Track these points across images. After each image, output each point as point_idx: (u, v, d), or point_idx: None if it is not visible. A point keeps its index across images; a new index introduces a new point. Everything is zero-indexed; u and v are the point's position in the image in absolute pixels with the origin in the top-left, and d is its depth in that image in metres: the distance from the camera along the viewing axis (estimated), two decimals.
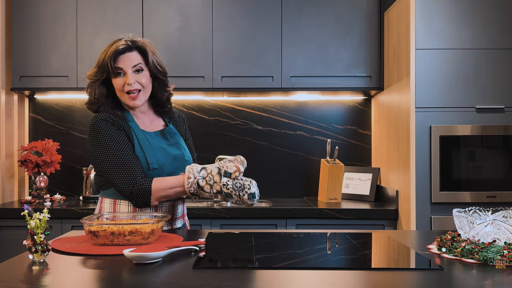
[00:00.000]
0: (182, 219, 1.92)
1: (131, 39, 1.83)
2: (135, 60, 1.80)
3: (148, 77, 1.83)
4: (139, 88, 1.80)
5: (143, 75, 1.81)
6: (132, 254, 1.29)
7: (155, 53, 1.86)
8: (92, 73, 1.81)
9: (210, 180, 1.69)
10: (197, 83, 3.05)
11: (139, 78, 1.80)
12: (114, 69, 1.77)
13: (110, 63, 1.76)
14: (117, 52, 1.78)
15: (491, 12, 2.60)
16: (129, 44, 1.80)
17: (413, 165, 2.59)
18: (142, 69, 1.81)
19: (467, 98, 2.60)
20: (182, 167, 1.82)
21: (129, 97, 1.80)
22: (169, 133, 1.89)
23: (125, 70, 1.78)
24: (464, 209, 1.52)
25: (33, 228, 1.32)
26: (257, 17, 3.07)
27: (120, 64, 1.78)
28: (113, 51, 1.77)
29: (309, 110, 3.40)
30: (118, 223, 1.53)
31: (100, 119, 1.78)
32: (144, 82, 1.81)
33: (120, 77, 1.79)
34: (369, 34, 3.08)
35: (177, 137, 1.91)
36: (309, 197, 3.31)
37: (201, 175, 1.70)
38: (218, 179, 1.69)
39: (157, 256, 1.31)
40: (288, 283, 1.15)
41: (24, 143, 3.33)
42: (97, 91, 1.81)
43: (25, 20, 3.06)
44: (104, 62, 1.77)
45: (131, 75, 1.78)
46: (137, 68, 1.80)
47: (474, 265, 1.28)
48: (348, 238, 1.71)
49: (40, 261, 1.33)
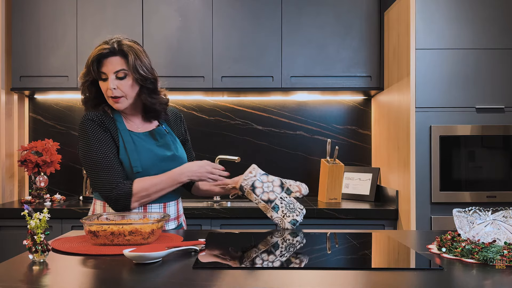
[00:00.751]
0: (176, 221, 1.90)
1: (117, 42, 1.76)
2: (117, 65, 1.75)
3: (131, 84, 1.77)
4: (121, 95, 1.76)
5: (125, 82, 1.76)
6: (132, 254, 1.29)
7: (141, 57, 1.77)
8: (82, 75, 1.81)
9: (268, 187, 1.75)
10: (197, 83, 3.05)
11: (120, 85, 1.75)
12: (97, 73, 1.76)
13: (93, 67, 1.75)
14: (101, 56, 1.74)
15: (491, 12, 2.60)
16: (113, 48, 1.75)
17: (413, 165, 2.58)
18: (124, 76, 1.76)
19: (467, 98, 2.60)
20: (171, 168, 1.80)
21: (112, 100, 1.78)
22: (159, 134, 1.86)
23: (107, 75, 1.75)
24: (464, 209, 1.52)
25: (33, 228, 1.32)
26: (257, 17, 3.07)
27: (104, 68, 1.75)
28: (96, 54, 1.74)
29: (309, 110, 3.40)
30: (118, 223, 1.53)
31: (86, 119, 1.79)
32: (126, 90, 1.76)
33: (104, 81, 1.77)
34: (369, 34, 3.08)
35: (167, 138, 1.87)
36: (309, 197, 3.31)
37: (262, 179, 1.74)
38: (278, 191, 1.76)
39: (157, 256, 1.31)
40: (288, 283, 1.15)
41: (24, 143, 3.33)
42: (86, 91, 1.82)
43: (25, 20, 3.06)
44: (88, 65, 1.76)
45: (112, 81, 1.74)
46: (118, 75, 1.75)
47: (474, 265, 1.28)
48: (348, 238, 1.71)
49: (40, 261, 1.33)
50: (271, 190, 1.74)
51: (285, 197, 1.74)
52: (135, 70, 1.75)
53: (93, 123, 1.77)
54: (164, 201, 1.84)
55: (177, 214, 1.91)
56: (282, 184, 1.76)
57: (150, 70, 1.80)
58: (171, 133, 1.91)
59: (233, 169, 3.47)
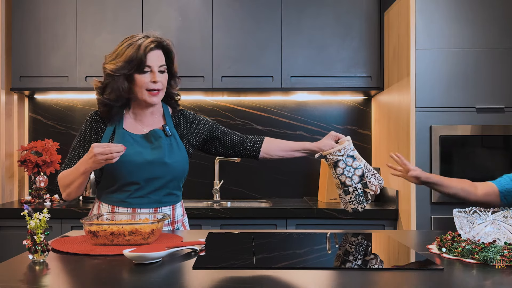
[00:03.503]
0: (170, 226, 1.88)
1: (157, 37, 1.80)
2: (161, 60, 1.80)
3: (167, 78, 1.84)
4: (161, 88, 1.81)
5: (165, 76, 1.82)
6: (132, 254, 1.29)
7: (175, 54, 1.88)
8: (118, 67, 1.75)
9: (349, 172, 1.74)
10: (197, 83, 3.05)
11: (162, 78, 1.80)
12: (144, 66, 1.76)
13: (144, 59, 1.74)
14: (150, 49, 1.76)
15: (491, 12, 2.60)
16: (158, 42, 1.79)
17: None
18: (164, 70, 1.81)
19: (467, 98, 2.60)
20: (160, 173, 1.78)
21: (149, 93, 1.78)
22: (154, 136, 1.82)
23: (153, 68, 1.77)
24: (464, 209, 1.52)
25: (33, 228, 1.33)
26: (257, 17, 3.07)
27: (149, 61, 1.76)
28: (147, 46, 1.75)
29: (309, 110, 3.40)
30: (118, 223, 1.52)
31: (90, 115, 1.88)
32: (165, 83, 1.83)
33: (145, 74, 1.77)
34: (369, 34, 3.08)
35: (162, 142, 1.82)
36: (309, 197, 3.31)
37: (347, 161, 1.75)
38: (356, 180, 1.75)
39: (157, 256, 1.31)
40: (288, 283, 1.15)
41: (24, 143, 3.33)
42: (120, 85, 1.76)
43: (25, 20, 3.06)
44: (137, 57, 1.74)
45: (158, 74, 1.78)
46: (161, 69, 1.80)
47: (474, 265, 1.28)
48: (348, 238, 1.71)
49: (40, 261, 1.33)
50: (350, 176, 1.73)
51: (359, 188, 1.73)
52: (175, 66, 1.86)
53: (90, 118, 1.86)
54: (155, 206, 1.82)
55: (171, 219, 1.87)
56: (362, 176, 1.74)
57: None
58: (174, 136, 1.86)
59: (233, 169, 3.50)
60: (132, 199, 1.79)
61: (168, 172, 1.80)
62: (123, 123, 1.84)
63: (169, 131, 1.85)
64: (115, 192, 1.81)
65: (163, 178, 1.80)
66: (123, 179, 1.77)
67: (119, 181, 1.78)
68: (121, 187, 1.79)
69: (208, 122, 1.97)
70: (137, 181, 1.78)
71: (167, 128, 1.85)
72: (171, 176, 1.81)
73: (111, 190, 1.81)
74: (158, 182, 1.80)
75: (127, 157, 1.74)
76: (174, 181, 1.83)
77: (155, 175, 1.79)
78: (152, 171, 1.78)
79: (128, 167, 1.76)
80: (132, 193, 1.79)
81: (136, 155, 1.77)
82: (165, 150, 1.80)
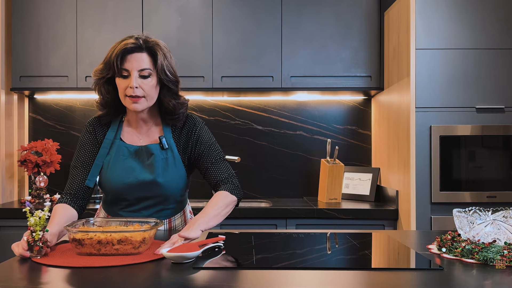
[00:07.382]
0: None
1: (144, 38, 1.66)
2: (143, 63, 1.63)
3: (154, 84, 1.66)
4: (142, 95, 1.63)
5: (148, 81, 1.64)
6: (172, 254, 1.31)
7: (168, 57, 1.68)
8: (98, 70, 1.67)
9: None
10: (197, 83, 3.05)
11: (143, 84, 1.63)
12: (119, 69, 1.62)
13: (116, 62, 1.61)
14: (125, 51, 1.62)
15: (491, 12, 2.60)
16: (139, 44, 1.63)
17: (413, 165, 2.58)
18: (149, 75, 1.64)
19: (467, 98, 2.60)
20: (149, 194, 1.69)
21: (129, 99, 1.64)
22: (147, 153, 1.70)
23: (130, 72, 1.62)
24: (464, 209, 1.52)
25: (32, 225, 1.34)
26: (257, 17, 3.07)
27: (127, 64, 1.62)
28: (121, 49, 1.61)
29: (309, 110, 3.40)
30: (106, 231, 1.37)
31: (87, 124, 1.79)
32: (148, 90, 1.64)
33: (124, 78, 1.63)
34: (369, 34, 3.07)
35: (155, 158, 1.69)
36: (309, 197, 3.31)
37: None
38: None
39: (195, 255, 1.34)
40: (288, 283, 1.15)
41: (24, 143, 3.33)
42: (102, 89, 1.69)
43: (25, 20, 3.06)
44: (111, 60, 1.62)
45: (135, 79, 1.62)
46: (143, 74, 1.63)
47: (474, 265, 1.28)
48: (348, 238, 1.71)
49: (38, 257, 1.34)
50: None
51: None
52: (162, 71, 1.65)
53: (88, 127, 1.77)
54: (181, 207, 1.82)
55: (168, 233, 1.76)
56: None
57: (174, 72, 1.71)
58: (171, 148, 1.73)
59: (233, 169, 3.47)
60: (124, 212, 1.75)
61: (161, 191, 1.70)
62: (121, 132, 1.76)
63: (165, 143, 1.71)
64: (109, 203, 1.79)
65: (155, 198, 1.72)
66: (115, 195, 1.72)
67: (111, 195, 1.74)
68: (114, 200, 1.75)
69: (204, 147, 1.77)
70: (128, 198, 1.72)
71: (164, 141, 1.71)
72: (164, 196, 1.72)
73: (106, 200, 1.80)
74: (150, 201, 1.73)
75: (119, 175, 1.68)
76: (169, 199, 1.75)
77: (146, 194, 1.70)
78: (143, 191, 1.69)
79: (119, 186, 1.69)
80: (124, 207, 1.75)
81: (128, 172, 1.69)
82: (158, 169, 1.68)
